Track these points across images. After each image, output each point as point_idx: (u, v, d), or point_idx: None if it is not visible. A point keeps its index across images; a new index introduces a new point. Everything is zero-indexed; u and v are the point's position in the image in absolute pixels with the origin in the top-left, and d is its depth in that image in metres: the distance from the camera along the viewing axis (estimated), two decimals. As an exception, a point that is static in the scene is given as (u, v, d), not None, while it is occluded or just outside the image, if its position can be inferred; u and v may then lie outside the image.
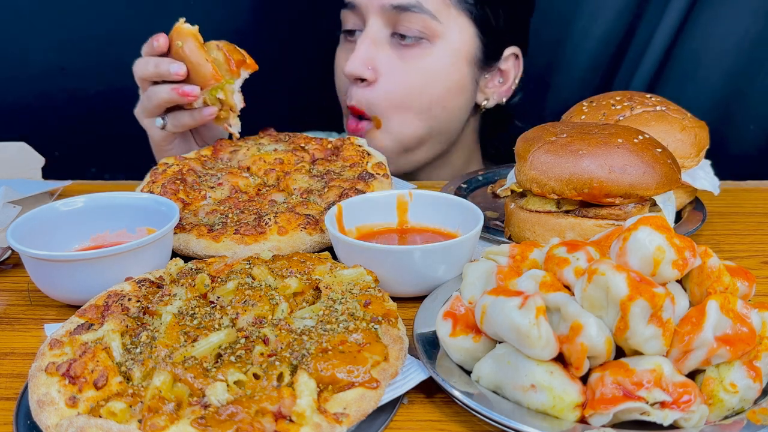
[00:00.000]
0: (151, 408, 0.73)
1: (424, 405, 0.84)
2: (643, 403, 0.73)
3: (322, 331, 0.83)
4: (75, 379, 0.77)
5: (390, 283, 1.01)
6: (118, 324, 0.85)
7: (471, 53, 1.62)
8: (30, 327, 1.01)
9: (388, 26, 1.57)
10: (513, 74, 1.72)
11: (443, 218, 1.14)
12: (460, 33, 1.59)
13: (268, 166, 1.33)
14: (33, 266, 1.02)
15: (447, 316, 0.87)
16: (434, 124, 1.64)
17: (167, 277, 0.97)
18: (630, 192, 1.07)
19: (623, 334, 0.75)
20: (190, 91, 1.34)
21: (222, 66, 1.36)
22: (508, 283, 0.86)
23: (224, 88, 1.36)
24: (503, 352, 0.79)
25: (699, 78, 1.94)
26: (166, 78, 1.34)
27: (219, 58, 1.36)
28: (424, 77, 1.59)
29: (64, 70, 1.94)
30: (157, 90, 1.36)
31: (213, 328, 0.85)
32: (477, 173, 1.51)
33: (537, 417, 0.75)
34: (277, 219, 1.14)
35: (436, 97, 1.61)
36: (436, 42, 1.57)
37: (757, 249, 1.22)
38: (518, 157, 1.16)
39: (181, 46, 1.33)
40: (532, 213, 1.14)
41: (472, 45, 1.62)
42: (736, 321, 0.77)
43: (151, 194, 1.18)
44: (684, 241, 0.80)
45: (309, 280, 0.95)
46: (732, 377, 0.77)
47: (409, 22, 1.55)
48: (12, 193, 1.22)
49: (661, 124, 1.24)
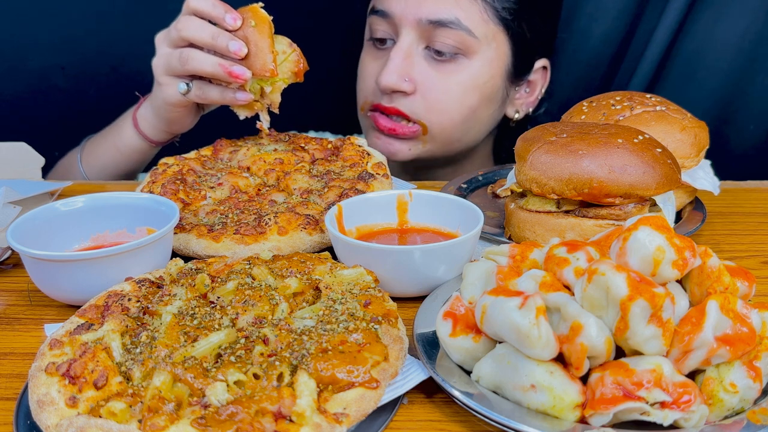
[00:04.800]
0: (151, 408, 0.73)
1: (424, 405, 0.84)
2: (643, 403, 0.73)
3: (322, 331, 0.83)
4: (75, 379, 0.77)
5: (390, 283, 1.01)
6: (118, 324, 0.85)
7: (505, 68, 1.62)
8: (30, 327, 1.01)
9: (422, 40, 1.55)
10: (540, 85, 1.73)
11: (443, 218, 1.14)
12: (496, 49, 1.58)
13: (268, 166, 1.33)
14: (33, 266, 1.02)
15: (447, 316, 0.87)
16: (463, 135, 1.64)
17: (167, 277, 0.97)
18: (630, 192, 1.07)
19: (623, 334, 0.75)
20: (240, 74, 1.26)
21: (286, 64, 1.31)
22: (508, 283, 0.86)
23: (275, 84, 1.31)
24: (503, 352, 0.79)
25: (699, 78, 1.94)
26: (221, 52, 1.27)
27: (290, 56, 1.31)
28: (461, 88, 1.58)
29: (64, 70, 1.94)
30: (198, 57, 1.29)
31: (213, 328, 0.85)
32: (477, 173, 1.51)
33: (537, 417, 0.75)
34: (277, 219, 1.14)
35: (473, 107, 1.61)
36: (472, 58, 1.56)
37: (757, 249, 1.22)
38: (518, 157, 1.16)
39: (254, 26, 1.27)
40: (532, 213, 1.14)
41: (506, 60, 1.62)
42: (736, 321, 0.77)
43: (151, 194, 1.18)
44: (684, 241, 0.80)
45: (309, 280, 0.95)
46: (732, 377, 0.77)
47: (446, 38, 1.53)
48: (12, 193, 1.22)
49: (661, 124, 1.24)
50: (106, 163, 1.58)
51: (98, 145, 1.60)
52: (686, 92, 1.94)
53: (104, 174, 1.60)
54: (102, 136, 1.60)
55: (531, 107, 1.74)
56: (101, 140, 1.60)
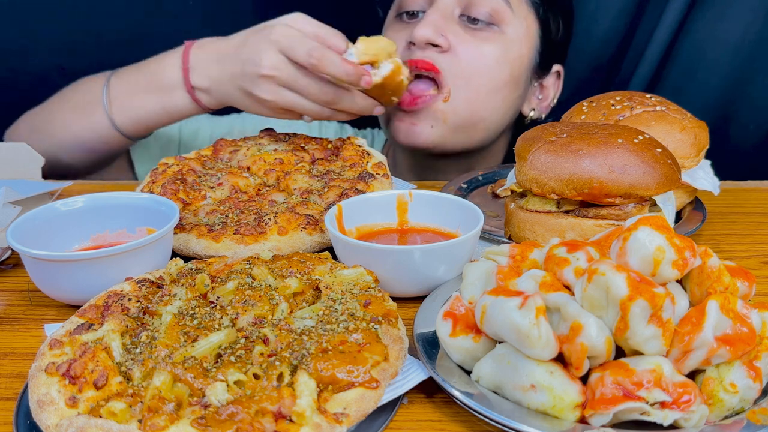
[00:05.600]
0: (151, 408, 0.73)
1: (424, 405, 0.84)
2: (643, 403, 0.73)
3: (322, 331, 0.83)
4: (75, 379, 0.77)
5: (390, 283, 1.01)
6: (118, 324, 0.85)
7: (532, 53, 1.62)
8: (30, 327, 1.01)
9: (459, 5, 1.55)
10: (553, 92, 1.74)
11: (443, 218, 1.14)
12: (527, 28, 1.59)
13: (268, 166, 1.33)
14: (33, 266, 1.02)
15: (447, 316, 0.87)
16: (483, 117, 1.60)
17: (167, 277, 0.97)
18: (630, 192, 1.07)
19: (623, 334, 0.75)
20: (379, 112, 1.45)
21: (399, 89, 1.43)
22: (508, 283, 0.86)
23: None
24: (503, 352, 0.79)
25: (699, 78, 1.94)
26: (353, 86, 1.34)
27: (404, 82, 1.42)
28: (494, 56, 1.55)
29: (64, 70, 1.94)
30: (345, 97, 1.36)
31: (213, 328, 0.85)
32: (477, 173, 1.51)
33: (537, 417, 0.75)
34: (277, 219, 1.14)
35: (501, 82, 1.58)
36: (505, 29, 1.56)
37: (757, 249, 1.22)
38: (518, 157, 1.16)
39: (401, 80, 1.40)
40: (532, 213, 1.14)
41: (534, 44, 1.62)
42: (736, 321, 0.77)
43: (151, 194, 1.18)
44: (684, 241, 0.80)
45: (309, 280, 0.95)
46: (732, 377, 0.77)
47: (482, 5, 1.53)
48: (12, 193, 1.22)
49: (661, 124, 1.24)
50: (145, 118, 1.53)
51: (135, 95, 1.53)
52: (686, 92, 1.94)
53: (140, 127, 1.55)
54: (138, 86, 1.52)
55: (544, 112, 1.74)
56: (139, 92, 1.52)
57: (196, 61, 1.45)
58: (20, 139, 1.61)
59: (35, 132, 1.62)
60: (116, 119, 1.53)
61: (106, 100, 1.53)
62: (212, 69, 1.43)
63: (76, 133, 1.58)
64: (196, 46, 1.47)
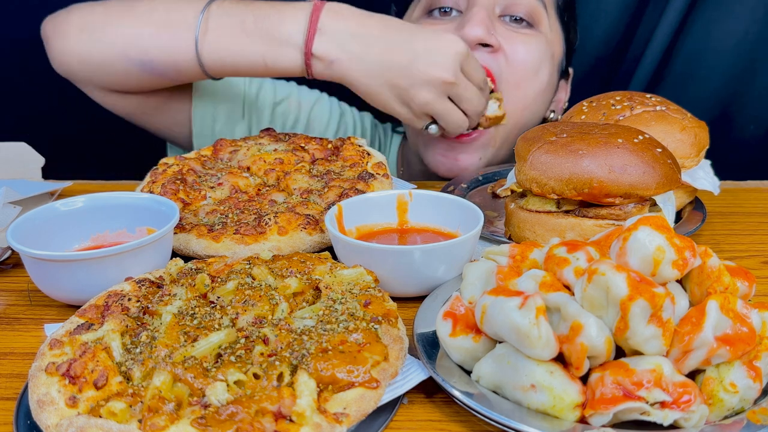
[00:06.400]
0: (151, 408, 0.73)
1: (424, 405, 0.84)
2: (643, 403, 0.73)
3: (322, 331, 0.83)
4: (75, 379, 0.77)
5: (390, 283, 1.01)
6: (118, 324, 0.85)
7: (561, 53, 1.63)
8: (30, 327, 1.01)
9: (498, 4, 1.53)
10: (566, 94, 1.74)
11: (443, 218, 1.14)
12: (557, 31, 1.60)
13: (268, 166, 1.33)
14: (33, 266, 1.02)
15: (447, 316, 0.87)
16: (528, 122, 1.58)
17: (167, 277, 0.97)
18: (630, 192, 1.07)
19: (623, 334, 0.75)
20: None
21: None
22: (508, 283, 0.86)
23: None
24: (503, 352, 0.79)
25: (699, 78, 1.94)
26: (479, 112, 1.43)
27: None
28: (539, 53, 1.54)
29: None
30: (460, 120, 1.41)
31: (213, 328, 0.85)
32: (477, 173, 1.51)
33: (537, 417, 0.75)
34: (277, 219, 1.14)
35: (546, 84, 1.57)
36: (541, 30, 1.56)
37: (757, 249, 1.22)
38: (518, 157, 1.16)
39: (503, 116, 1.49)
40: (532, 213, 1.14)
41: (562, 45, 1.63)
42: (736, 321, 0.77)
43: (151, 194, 1.18)
44: (684, 241, 0.80)
45: (309, 280, 0.95)
46: (732, 377, 0.77)
47: (521, 4, 1.52)
48: (12, 193, 1.22)
49: (661, 124, 1.24)
50: (239, 62, 1.39)
51: (236, 36, 1.37)
52: (686, 92, 1.95)
53: (227, 69, 1.41)
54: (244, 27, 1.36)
55: (559, 114, 1.74)
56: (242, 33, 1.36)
57: (330, 29, 1.33)
58: (62, 34, 1.41)
59: (87, 32, 1.41)
60: (204, 52, 1.37)
61: (201, 28, 1.36)
62: (351, 45, 1.33)
63: (147, 49, 1.39)
64: (330, 10, 1.34)
